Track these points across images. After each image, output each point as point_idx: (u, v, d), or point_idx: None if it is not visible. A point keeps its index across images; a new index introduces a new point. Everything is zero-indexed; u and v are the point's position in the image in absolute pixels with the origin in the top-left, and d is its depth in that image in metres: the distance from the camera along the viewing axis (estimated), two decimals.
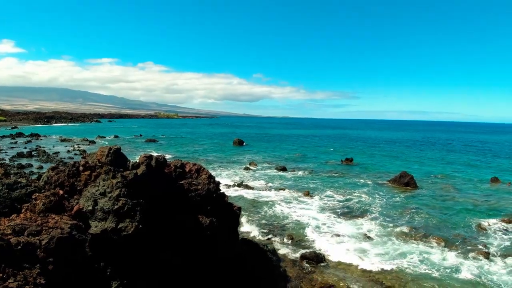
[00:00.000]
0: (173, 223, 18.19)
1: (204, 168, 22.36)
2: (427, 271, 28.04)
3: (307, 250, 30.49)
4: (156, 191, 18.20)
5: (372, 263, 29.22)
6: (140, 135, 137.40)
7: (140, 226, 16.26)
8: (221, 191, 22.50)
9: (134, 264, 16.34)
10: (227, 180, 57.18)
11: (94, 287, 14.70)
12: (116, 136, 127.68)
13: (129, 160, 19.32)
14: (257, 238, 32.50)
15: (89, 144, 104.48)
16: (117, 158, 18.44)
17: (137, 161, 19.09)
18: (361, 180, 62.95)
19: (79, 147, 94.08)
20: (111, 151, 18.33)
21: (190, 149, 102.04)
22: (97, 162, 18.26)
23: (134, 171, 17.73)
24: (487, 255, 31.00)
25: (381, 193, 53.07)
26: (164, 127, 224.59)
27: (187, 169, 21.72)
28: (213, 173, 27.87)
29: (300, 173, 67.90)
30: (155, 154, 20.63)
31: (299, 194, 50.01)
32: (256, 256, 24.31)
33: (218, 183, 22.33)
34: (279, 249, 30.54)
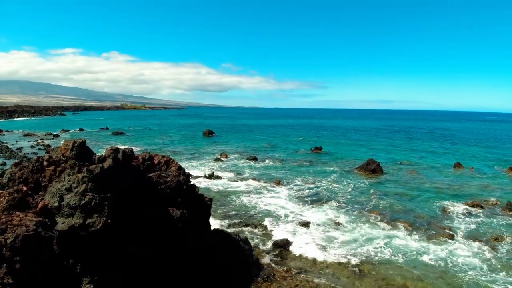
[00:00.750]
0: (142, 216, 17.95)
1: (173, 160, 22.13)
2: (394, 255, 29.18)
3: (279, 238, 31.04)
4: (124, 185, 17.87)
5: (341, 249, 30.10)
6: (106, 128, 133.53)
7: (109, 221, 15.96)
8: (192, 183, 22.37)
9: (103, 259, 16.06)
10: (197, 172, 56.83)
11: (63, 286, 14.37)
12: (81, 129, 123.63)
13: (95, 154, 18.81)
14: (229, 228, 32.63)
15: (53, 138, 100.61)
16: (82, 152, 17.91)
17: (103, 154, 18.63)
18: (330, 168, 64.33)
19: (43, 141, 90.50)
20: (76, 144, 17.77)
21: (158, 141, 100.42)
22: (62, 157, 17.67)
23: (100, 165, 17.30)
24: (451, 237, 32.58)
25: (349, 180, 54.47)
26: (131, 119, 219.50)
27: (155, 162, 21.41)
28: (183, 165, 27.64)
29: (271, 162, 68.46)
30: (122, 147, 20.20)
31: (270, 183, 50.50)
32: (228, 246, 24.43)
33: (188, 174, 22.20)
34: (251, 238, 30.84)
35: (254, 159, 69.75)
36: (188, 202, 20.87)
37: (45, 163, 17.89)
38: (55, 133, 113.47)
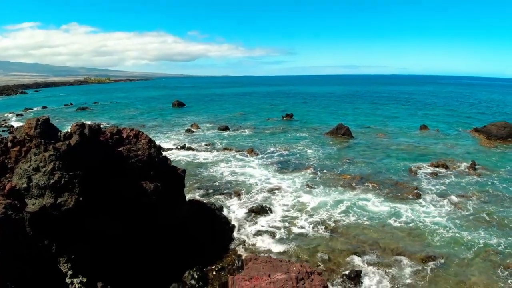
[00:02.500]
0: (113, 192, 17.74)
1: (142, 133, 21.73)
2: (364, 216, 30.42)
3: (254, 205, 31.68)
4: (93, 161, 17.48)
5: (314, 212, 31.08)
6: (71, 104, 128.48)
7: (81, 198, 15.69)
8: (163, 155, 22.17)
9: (78, 236, 15.91)
10: (169, 144, 56.24)
11: (41, 267, 14.17)
12: (44, 107, 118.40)
13: (60, 131, 18.19)
14: (204, 198, 32.88)
15: (16, 118, 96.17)
16: (47, 130, 17.26)
17: (69, 131, 18.03)
18: (301, 134, 65.18)
19: (5, 122, 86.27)
20: (40, 122, 17.08)
21: (126, 114, 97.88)
22: (26, 136, 16.97)
23: (67, 142, 16.78)
24: (419, 196, 34.19)
25: (320, 146, 55.50)
26: (96, 93, 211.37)
27: (124, 135, 20.96)
28: (153, 138, 27.21)
29: (243, 131, 68.51)
30: (88, 122, 19.59)
31: (243, 152, 50.73)
32: (204, 215, 24.72)
33: (159, 147, 21.95)
34: (226, 207, 31.29)
35: (226, 128, 69.55)
36: (161, 174, 20.74)
37: (9, 144, 17.15)
38: (18, 112, 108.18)
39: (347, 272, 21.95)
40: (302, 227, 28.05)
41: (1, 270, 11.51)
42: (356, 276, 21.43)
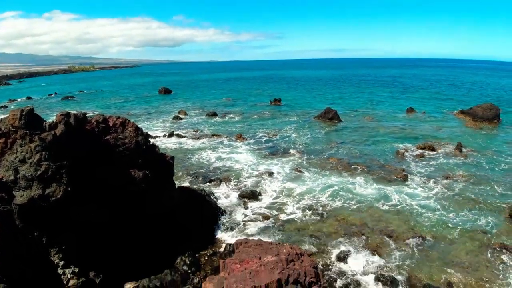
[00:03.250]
0: (102, 181, 17.66)
1: (129, 121, 21.52)
2: (353, 199, 30.85)
3: (244, 190, 31.90)
4: (80, 150, 17.32)
5: (304, 195, 31.42)
6: (55, 93, 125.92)
7: (69, 188, 15.59)
8: (151, 143, 22.05)
9: (68, 227, 15.87)
10: (156, 131, 55.85)
11: (33, 259, 14.11)
12: (29, 98, 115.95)
13: (45, 121, 17.91)
14: (194, 184, 32.91)
15: (0, 110, 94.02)
16: (32, 121, 16.98)
17: (54, 121, 17.77)
18: (290, 119, 65.31)
19: None
20: (24, 113, 16.79)
21: (112, 102, 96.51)
22: (11, 128, 16.67)
23: (53, 132, 16.56)
24: (406, 178, 34.74)
25: (309, 130, 55.75)
26: (81, 81, 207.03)
27: (110, 124, 20.72)
28: (141, 125, 26.97)
29: (231, 117, 68.31)
30: (73, 112, 19.32)
31: (232, 138, 50.71)
32: (195, 202, 24.80)
33: (147, 134, 21.80)
34: (217, 192, 31.41)
35: (214, 114, 69.22)
36: (150, 162, 20.67)
37: None
38: (2, 104, 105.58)
39: (336, 253, 22.43)
40: (291, 211, 28.39)
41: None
42: (345, 257, 21.91)
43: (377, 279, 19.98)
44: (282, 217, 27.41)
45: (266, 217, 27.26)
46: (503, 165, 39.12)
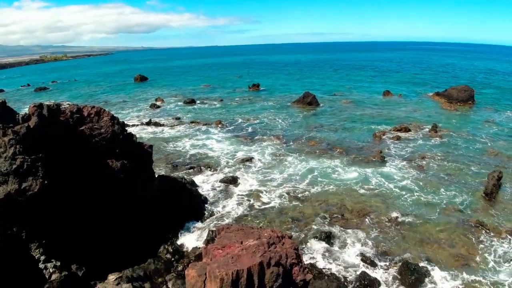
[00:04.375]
0: (79, 172, 17.36)
1: (104, 110, 21.08)
2: (332, 181, 31.33)
3: (225, 176, 31.96)
4: (55, 142, 16.92)
5: (284, 179, 31.74)
6: (28, 85, 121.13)
7: (46, 182, 15.26)
8: (128, 132, 21.72)
9: (47, 220, 15.60)
10: (134, 120, 54.96)
11: (14, 255, 13.84)
12: (0, 90, 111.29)
13: (18, 114, 17.39)
14: (174, 172, 32.74)
15: None
16: (3, 113, 16.52)
17: (27, 112, 17.26)
18: (269, 104, 65.38)
19: None
20: None
21: (87, 92, 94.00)
22: None
23: (26, 124, 16.10)
24: (383, 159, 35.51)
25: (288, 115, 56.01)
26: (54, 71, 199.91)
27: (85, 114, 20.26)
28: (117, 114, 26.45)
29: (210, 103, 67.81)
30: (47, 103, 18.78)
31: (211, 124, 50.46)
32: (175, 190, 24.71)
33: (123, 123, 21.41)
34: (198, 180, 31.34)
35: (192, 101, 68.47)
36: (127, 152, 20.39)
37: None
38: None
39: (317, 234, 22.89)
40: (272, 195, 28.67)
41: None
42: (326, 237, 22.38)
43: (356, 257, 20.57)
44: (263, 201, 27.68)
45: (247, 202, 27.49)
46: (478, 144, 40.48)
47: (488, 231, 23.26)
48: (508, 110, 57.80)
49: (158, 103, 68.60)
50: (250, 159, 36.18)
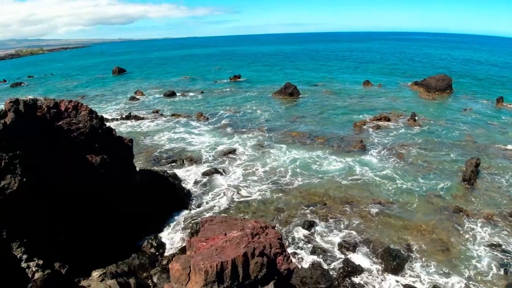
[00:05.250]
0: (58, 168, 16.98)
1: (82, 104, 20.62)
2: (315, 171, 31.64)
3: (208, 168, 31.84)
4: (33, 139, 16.47)
5: (267, 171, 31.87)
6: (4, 80, 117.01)
7: (24, 179, 14.85)
8: (107, 126, 21.35)
9: (28, 218, 15.23)
10: (113, 114, 53.96)
11: None
12: None
13: None
14: (156, 166, 32.40)
15: None
16: None
17: (3, 109, 16.72)
18: (250, 95, 65.31)
19: None
20: None
21: (65, 86, 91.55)
22: None
23: (2, 121, 15.60)
24: (364, 148, 36.01)
25: (269, 105, 56.04)
26: (30, 66, 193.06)
27: (62, 108, 19.75)
28: (95, 108, 25.96)
29: (190, 95, 67.15)
30: (23, 98, 18.22)
31: (192, 117, 50.04)
32: (158, 183, 24.51)
33: (102, 117, 21.01)
34: (180, 173, 31.13)
35: (173, 93, 67.56)
36: (107, 146, 20.06)
37: None
38: None
39: (300, 223, 23.16)
40: (255, 186, 28.78)
41: None
42: (309, 226, 22.67)
43: (340, 245, 20.93)
44: (247, 193, 27.74)
45: (230, 193, 27.50)
46: (456, 131, 41.53)
47: (467, 216, 24.01)
48: (484, 98, 59.43)
49: (138, 96, 67.50)
50: (233, 151, 36.14)
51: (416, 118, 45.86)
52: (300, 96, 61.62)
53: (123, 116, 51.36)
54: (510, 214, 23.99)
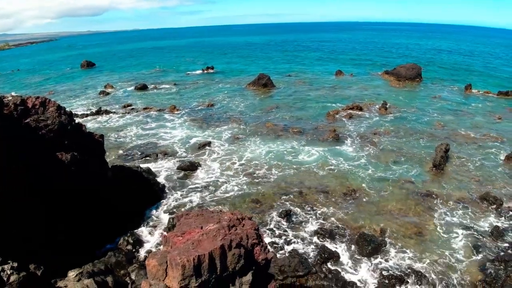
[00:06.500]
0: (28, 167, 16.39)
1: (50, 100, 19.90)
2: (290, 161, 31.88)
3: (183, 162, 31.45)
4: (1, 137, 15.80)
5: (243, 163, 31.84)
6: None
7: None
8: (77, 122, 20.74)
9: None
10: (82, 109, 52.40)
11: None
12: None
13: None
14: (129, 162, 31.82)
15: None
16: None
17: None
18: (224, 86, 64.95)
19: None
20: None
21: (32, 82, 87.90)
22: None
23: None
24: (337, 137, 36.53)
25: (244, 97, 55.87)
26: None
27: (29, 105, 18.98)
28: (64, 104, 25.13)
29: (163, 88, 66.03)
30: None
31: (165, 110, 49.26)
32: (131, 179, 24.11)
33: (71, 113, 20.38)
34: (155, 167, 30.67)
35: (144, 87, 65.99)
36: (77, 143, 19.49)
37: None
38: None
39: (277, 213, 23.39)
40: (232, 179, 28.77)
41: None
42: (286, 215, 22.92)
43: (316, 232, 21.29)
44: (223, 186, 27.69)
45: (207, 187, 27.39)
46: (425, 118, 42.82)
47: (438, 200, 24.94)
48: (452, 85, 61.45)
49: (108, 90, 65.68)
50: (208, 144, 35.86)
51: (387, 106, 46.90)
52: (274, 86, 61.73)
53: (93, 111, 49.85)
54: (479, 197, 25.06)
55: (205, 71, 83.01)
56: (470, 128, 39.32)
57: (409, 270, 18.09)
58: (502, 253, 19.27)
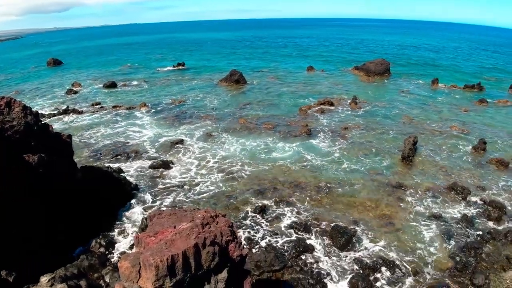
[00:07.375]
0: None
1: (15, 100, 19.18)
2: (264, 157, 32.12)
3: (155, 161, 31.03)
4: None
5: (217, 160, 31.73)
6: None
7: None
8: (44, 122, 20.09)
9: None
10: (49, 108, 50.54)
11: None
12: None
13: None
14: (99, 162, 31.10)
15: None
16: None
17: None
18: (196, 83, 64.36)
19: None
20: None
21: None
22: None
23: None
24: (309, 133, 37.01)
25: (216, 94, 55.60)
26: None
27: None
28: (30, 104, 24.32)
29: (133, 85, 64.71)
30: None
31: (135, 108, 48.26)
32: (102, 179, 23.61)
33: (37, 113, 19.71)
34: (125, 167, 30.09)
35: (113, 84, 64.30)
36: (44, 144, 18.87)
37: None
38: None
39: (251, 208, 23.52)
40: (205, 176, 28.66)
41: None
42: (261, 211, 23.10)
43: (291, 226, 21.59)
44: (196, 183, 27.54)
45: (179, 185, 27.15)
46: (394, 111, 44.09)
47: (408, 191, 25.85)
48: (419, 79, 63.45)
49: (75, 88, 63.63)
50: (180, 142, 35.53)
51: (358, 101, 47.91)
52: (246, 83, 61.80)
53: (61, 110, 48.13)
54: (447, 187, 26.13)
55: (176, 68, 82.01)
56: (437, 121, 40.82)
57: (381, 259, 18.62)
58: (471, 240, 20.18)
